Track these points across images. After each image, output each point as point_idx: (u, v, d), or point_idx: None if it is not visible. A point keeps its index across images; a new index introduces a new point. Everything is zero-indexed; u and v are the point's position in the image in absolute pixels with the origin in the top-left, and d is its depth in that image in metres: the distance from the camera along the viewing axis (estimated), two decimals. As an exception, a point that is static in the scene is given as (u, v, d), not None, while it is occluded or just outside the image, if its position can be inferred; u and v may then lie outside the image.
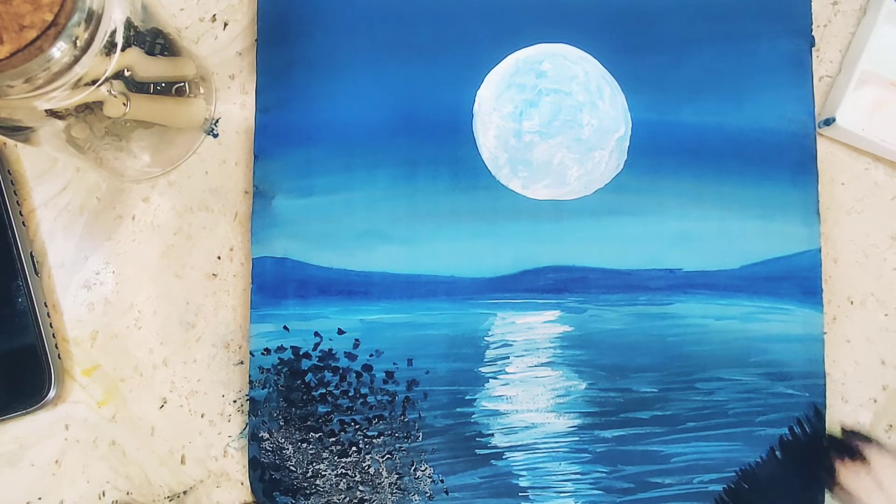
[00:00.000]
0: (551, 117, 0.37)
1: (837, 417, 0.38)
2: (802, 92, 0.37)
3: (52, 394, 0.36)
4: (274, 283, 0.36)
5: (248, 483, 0.36)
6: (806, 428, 0.36)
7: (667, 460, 0.36)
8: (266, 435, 0.35)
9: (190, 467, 0.37)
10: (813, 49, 0.38)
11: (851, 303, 0.39)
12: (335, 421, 0.36)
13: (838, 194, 0.39)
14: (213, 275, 0.38)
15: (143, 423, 0.37)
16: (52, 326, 0.37)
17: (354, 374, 0.36)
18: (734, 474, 0.36)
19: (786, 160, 0.37)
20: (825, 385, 0.36)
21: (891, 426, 0.39)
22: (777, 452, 0.36)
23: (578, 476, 0.36)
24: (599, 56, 0.37)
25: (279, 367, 0.36)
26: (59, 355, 0.37)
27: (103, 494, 0.37)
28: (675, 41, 0.37)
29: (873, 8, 0.39)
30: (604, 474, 0.36)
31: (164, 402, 0.37)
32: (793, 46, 0.37)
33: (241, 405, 0.37)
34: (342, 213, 0.36)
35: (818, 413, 0.36)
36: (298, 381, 0.36)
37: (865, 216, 0.39)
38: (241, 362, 0.37)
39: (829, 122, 0.38)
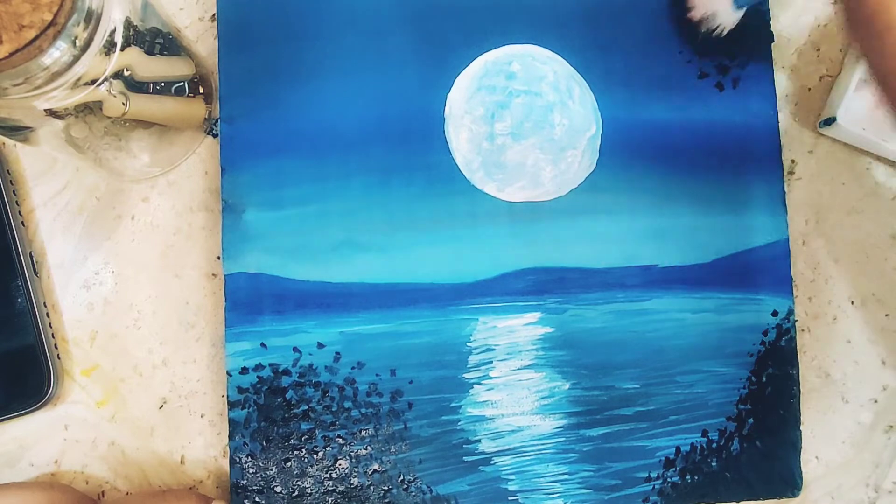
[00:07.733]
0: (523, 118, 0.37)
1: (838, 418, 0.38)
2: (764, 85, 0.37)
3: (51, 394, 0.36)
4: (249, 300, 0.35)
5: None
6: (781, 412, 0.36)
7: (651, 454, 0.36)
8: (248, 458, 0.35)
9: (190, 467, 0.37)
10: (771, 44, 0.38)
11: (852, 303, 0.39)
12: (319, 437, 0.35)
13: (839, 194, 0.39)
14: (213, 275, 0.38)
15: (143, 424, 0.37)
16: (51, 326, 0.37)
17: (337, 389, 0.35)
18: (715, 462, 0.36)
19: (751, 154, 0.37)
20: (798, 372, 0.36)
21: (891, 427, 0.39)
22: (757, 441, 0.36)
23: (566, 476, 0.36)
24: (567, 56, 0.37)
25: (258, 385, 0.35)
26: (58, 355, 0.37)
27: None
28: (640, 39, 0.37)
29: (874, 7, 0.39)
30: (591, 473, 0.36)
31: (164, 402, 0.37)
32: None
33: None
34: (316, 225, 0.35)
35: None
36: (279, 399, 0.35)
37: (866, 216, 0.39)
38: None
39: (829, 121, 0.38)
